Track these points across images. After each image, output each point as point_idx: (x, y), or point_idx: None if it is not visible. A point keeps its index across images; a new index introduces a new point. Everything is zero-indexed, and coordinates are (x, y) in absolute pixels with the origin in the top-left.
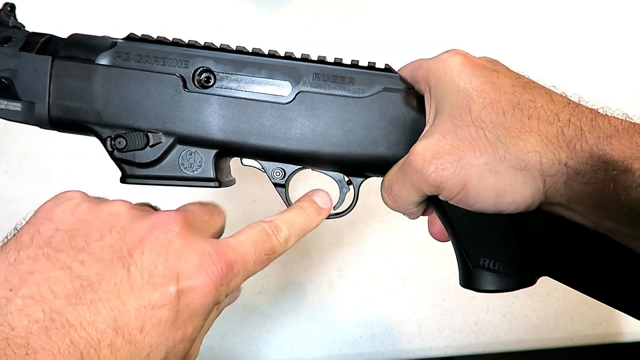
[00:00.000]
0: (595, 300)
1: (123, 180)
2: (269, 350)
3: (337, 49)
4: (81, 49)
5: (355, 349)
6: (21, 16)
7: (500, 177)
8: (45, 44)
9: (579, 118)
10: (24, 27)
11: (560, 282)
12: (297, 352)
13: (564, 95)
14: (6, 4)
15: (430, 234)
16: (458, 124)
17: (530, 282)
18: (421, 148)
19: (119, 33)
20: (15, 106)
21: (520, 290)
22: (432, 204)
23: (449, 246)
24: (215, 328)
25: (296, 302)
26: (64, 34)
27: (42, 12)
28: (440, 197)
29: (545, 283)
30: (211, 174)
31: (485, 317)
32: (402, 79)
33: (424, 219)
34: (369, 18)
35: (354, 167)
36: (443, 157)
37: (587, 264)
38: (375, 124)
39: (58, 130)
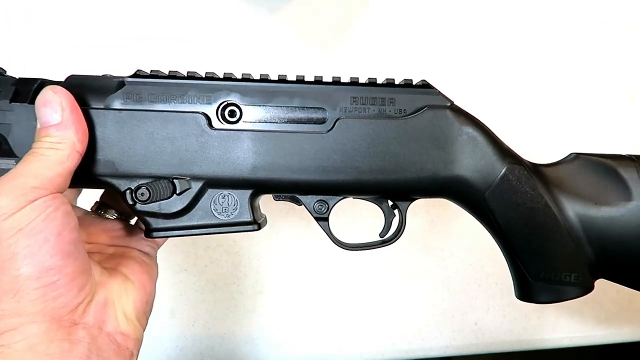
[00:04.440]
0: (596, 300)
1: (148, 234)
2: (269, 350)
3: (338, 49)
4: (85, 93)
5: (356, 349)
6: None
7: None
8: (39, 91)
9: None
10: (5, 71)
11: (618, 283)
12: (297, 352)
13: None
14: None
15: None
16: None
17: (590, 288)
18: None
19: (119, 36)
20: (9, 164)
21: None
22: (483, 221)
23: (448, 246)
24: (215, 328)
25: (296, 302)
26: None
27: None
28: None
29: None
30: (248, 216)
31: (485, 317)
32: (443, 95)
33: (422, 221)
34: (370, 18)
35: (402, 192)
36: None
37: None
38: (422, 144)
39: None
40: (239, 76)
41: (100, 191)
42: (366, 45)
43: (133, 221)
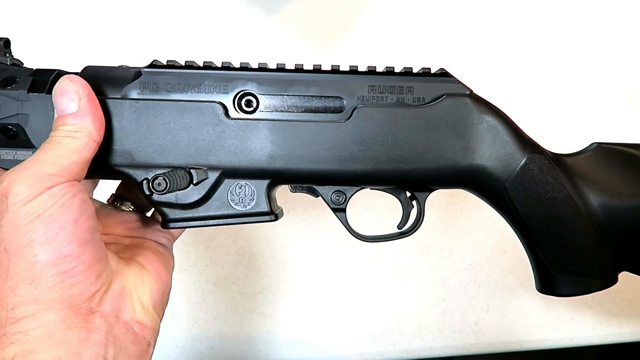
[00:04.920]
0: (596, 300)
1: (164, 225)
2: (269, 350)
3: (338, 49)
4: (101, 83)
5: (355, 349)
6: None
7: None
8: (56, 81)
9: None
10: (22, 63)
11: None
12: (297, 352)
13: None
14: (0, 39)
15: None
16: None
17: (614, 280)
18: None
19: (119, 38)
20: (26, 155)
21: (520, 290)
22: (504, 212)
23: (448, 246)
24: (215, 328)
25: (296, 302)
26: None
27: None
28: None
29: None
30: (265, 206)
31: (485, 317)
32: (462, 83)
33: (422, 223)
34: (371, 18)
35: (421, 182)
36: None
37: None
38: (441, 132)
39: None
40: (255, 66)
41: (116, 184)
42: (366, 45)
43: (149, 214)
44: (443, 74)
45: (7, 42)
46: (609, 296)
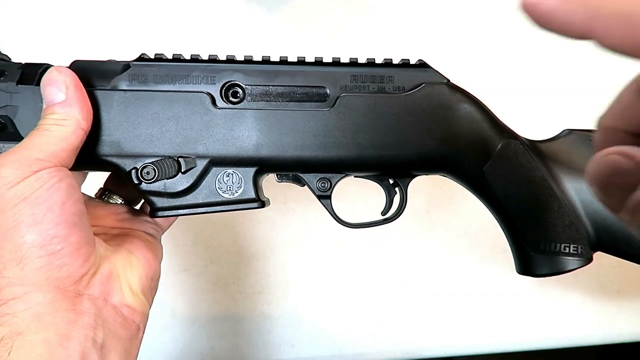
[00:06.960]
0: (596, 300)
1: (153, 214)
2: (269, 350)
3: (338, 48)
4: (90, 76)
5: (355, 349)
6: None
7: None
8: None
9: None
10: (10, 58)
11: (615, 255)
12: (297, 352)
13: None
14: None
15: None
16: None
17: (589, 259)
18: None
19: (120, 37)
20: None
21: (520, 290)
22: (482, 196)
23: (448, 246)
24: (215, 328)
25: (296, 302)
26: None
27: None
28: None
29: (545, 282)
30: (252, 194)
31: (485, 317)
32: (439, 73)
33: (422, 221)
34: (370, 17)
35: (403, 167)
36: None
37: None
38: (421, 119)
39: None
40: (242, 58)
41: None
42: (366, 45)
43: (137, 207)
44: (421, 65)
45: None
46: (609, 296)
